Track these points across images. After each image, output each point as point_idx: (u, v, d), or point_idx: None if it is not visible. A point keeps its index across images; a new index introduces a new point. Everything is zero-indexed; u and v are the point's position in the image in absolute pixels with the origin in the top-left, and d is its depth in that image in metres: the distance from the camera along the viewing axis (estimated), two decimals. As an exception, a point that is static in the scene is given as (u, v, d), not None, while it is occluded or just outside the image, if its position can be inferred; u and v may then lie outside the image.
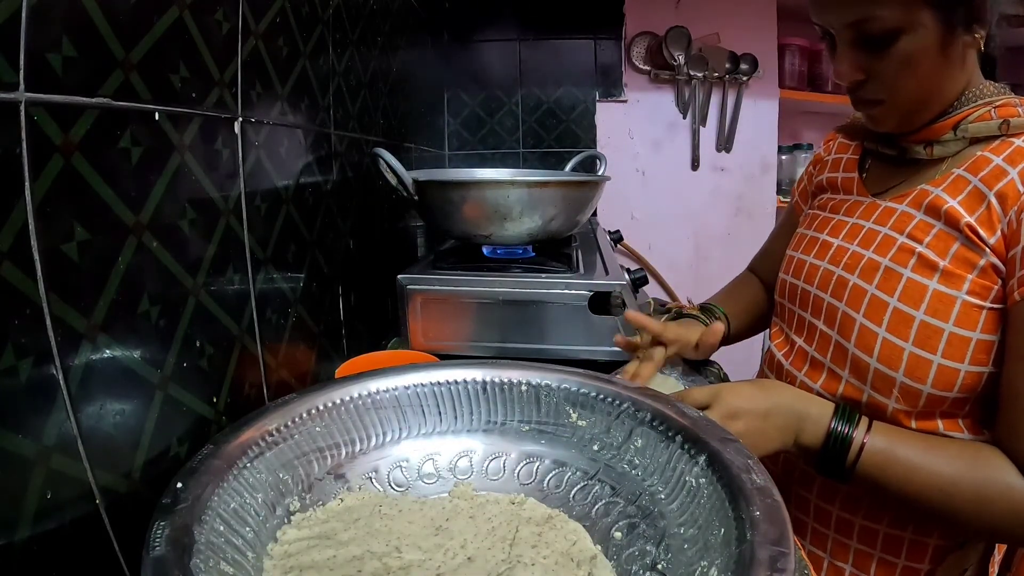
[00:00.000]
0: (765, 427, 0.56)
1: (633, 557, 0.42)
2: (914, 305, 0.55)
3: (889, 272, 0.58)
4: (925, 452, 0.53)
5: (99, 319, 0.36)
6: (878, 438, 0.53)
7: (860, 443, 0.53)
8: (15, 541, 0.30)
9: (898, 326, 0.56)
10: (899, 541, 0.60)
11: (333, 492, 0.47)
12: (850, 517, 0.62)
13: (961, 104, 0.58)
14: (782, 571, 0.32)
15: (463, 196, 0.85)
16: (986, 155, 0.55)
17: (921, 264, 0.56)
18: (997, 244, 0.52)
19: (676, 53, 1.79)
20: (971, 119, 0.57)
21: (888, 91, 0.58)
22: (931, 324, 0.54)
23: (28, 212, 0.30)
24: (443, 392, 0.54)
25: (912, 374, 0.55)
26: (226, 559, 0.35)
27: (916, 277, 0.56)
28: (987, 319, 0.53)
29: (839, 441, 0.54)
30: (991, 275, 0.53)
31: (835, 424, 0.55)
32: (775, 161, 1.90)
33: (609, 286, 0.80)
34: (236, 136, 0.52)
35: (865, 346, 0.58)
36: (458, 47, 1.76)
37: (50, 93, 0.31)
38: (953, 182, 0.56)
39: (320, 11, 0.70)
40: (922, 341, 0.54)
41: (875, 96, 0.59)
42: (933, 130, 0.59)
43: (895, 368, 0.55)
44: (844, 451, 0.54)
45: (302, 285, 0.66)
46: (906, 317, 0.55)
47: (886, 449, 0.53)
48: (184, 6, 0.43)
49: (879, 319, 0.57)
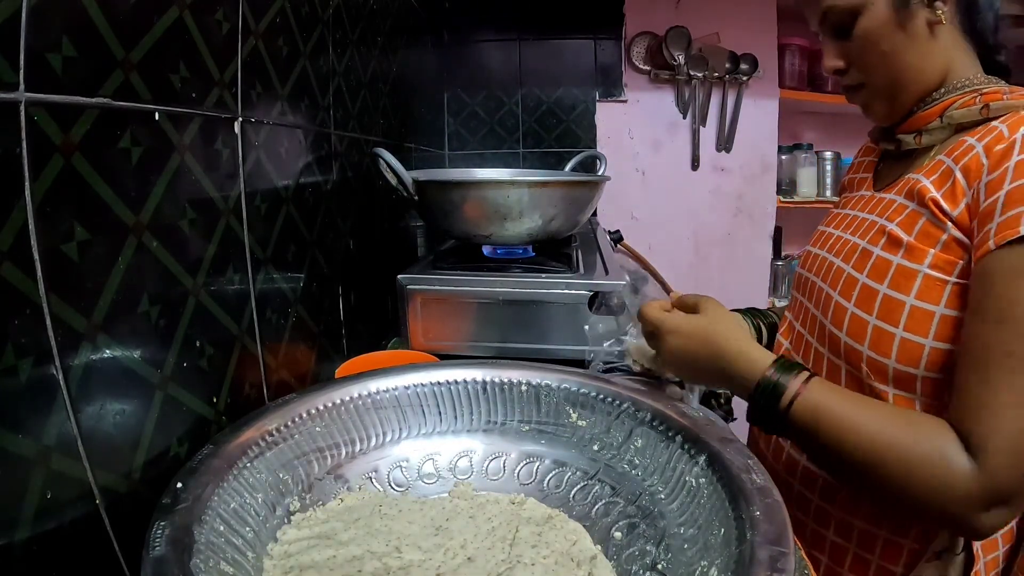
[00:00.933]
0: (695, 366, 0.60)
1: (633, 557, 0.42)
2: (879, 279, 0.57)
3: (864, 252, 0.60)
4: (860, 409, 0.51)
5: (99, 319, 0.36)
6: (814, 390, 0.52)
7: (794, 392, 0.52)
8: (15, 541, 0.30)
9: (865, 301, 0.57)
10: (874, 538, 0.60)
11: (333, 492, 0.47)
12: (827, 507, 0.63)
13: (948, 92, 0.59)
14: (782, 571, 0.32)
15: (463, 196, 0.85)
16: (965, 138, 0.56)
17: (889, 242, 0.58)
18: (960, 217, 0.52)
19: (676, 53, 1.79)
20: (956, 106, 0.58)
21: (863, 73, 0.61)
22: (893, 297, 0.55)
23: (28, 212, 0.30)
24: (443, 392, 0.54)
25: (876, 347, 0.56)
26: (226, 559, 0.35)
27: (883, 254, 0.58)
28: (951, 294, 0.53)
29: (770, 387, 0.53)
30: (955, 249, 0.53)
31: (771, 371, 0.54)
32: (775, 161, 1.90)
33: (609, 286, 0.80)
34: (236, 136, 0.52)
35: (837, 321, 0.60)
36: (458, 47, 1.76)
37: (50, 93, 0.31)
38: (933, 166, 0.58)
39: (320, 11, 0.70)
40: (884, 314, 0.56)
41: (854, 81, 0.62)
42: (920, 118, 0.60)
43: (860, 341, 0.57)
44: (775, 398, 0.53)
45: (302, 285, 0.66)
46: (871, 292, 0.57)
47: (820, 400, 0.52)
48: (184, 6, 0.43)
49: (849, 295, 0.59)
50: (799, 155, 1.90)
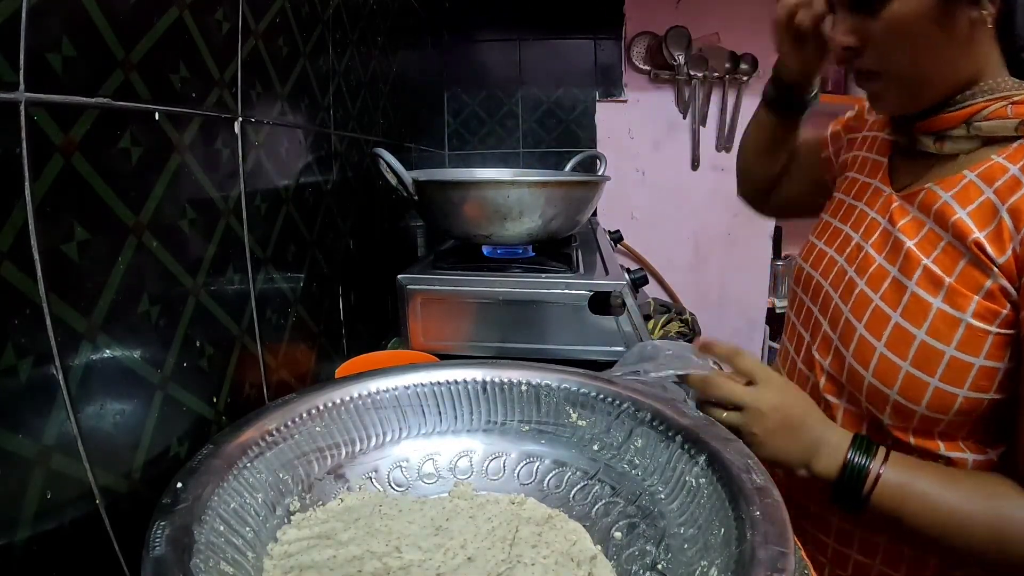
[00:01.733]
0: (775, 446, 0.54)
1: (633, 557, 0.42)
2: (916, 323, 0.52)
3: (896, 284, 0.55)
4: (942, 487, 0.50)
5: (99, 319, 0.36)
6: (894, 471, 0.51)
7: (876, 475, 0.51)
8: (15, 541, 0.30)
9: (897, 343, 0.53)
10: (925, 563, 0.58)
11: (333, 492, 0.47)
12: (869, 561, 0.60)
13: (974, 95, 0.53)
14: (782, 571, 0.32)
15: (463, 196, 0.85)
16: (1001, 162, 0.51)
17: (926, 279, 0.53)
18: (1007, 264, 0.48)
19: (676, 53, 1.79)
20: (985, 114, 0.52)
21: (883, 62, 0.54)
22: (932, 346, 0.51)
23: (28, 212, 0.30)
24: (443, 392, 0.54)
25: (906, 393, 0.53)
26: (226, 559, 0.35)
27: (921, 293, 0.53)
28: (992, 344, 0.50)
29: (855, 472, 0.52)
30: (999, 298, 0.49)
31: (852, 455, 0.52)
32: (775, 161, 1.90)
33: (609, 286, 0.80)
34: (236, 136, 0.52)
35: (862, 359, 0.56)
36: (458, 47, 1.76)
37: (50, 93, 0.31)
38: (964, 188, 0.53)
39: (320, 11, 0.70)
40: (920, 362, 0.52)
41: (870, 67, 0.55)
42: (942, 120, 0.55)
43: (889, 385, 0.53)
44: (860, 483, 0.52)
45: (302, 285, 0.66)
46: (906, 335, 0.53)
47: (902, 482, 0.51)
48: (184, 6, 0.43)
49: (879, 332, 0.54)
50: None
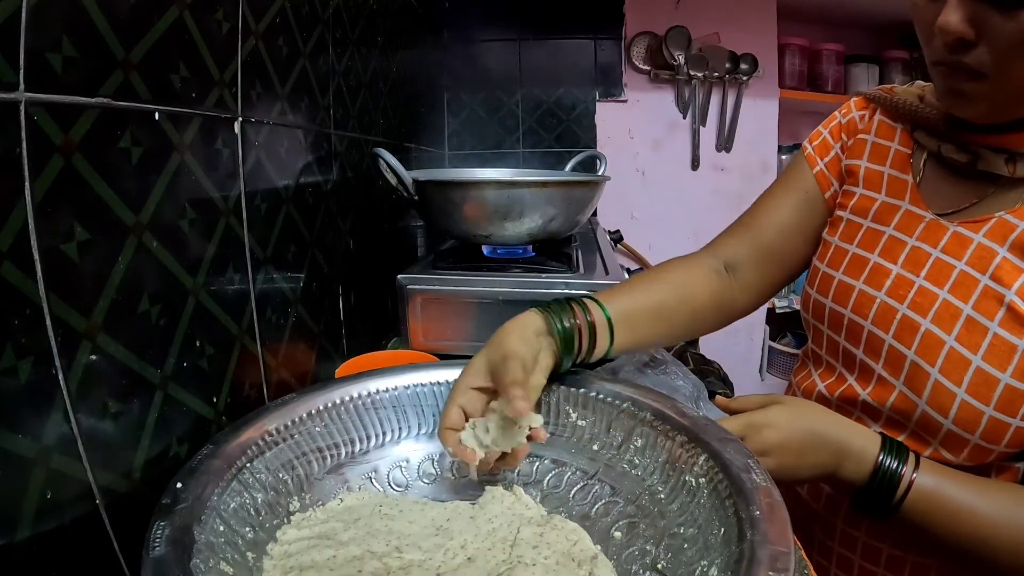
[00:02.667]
0: (799, 464, 0.51)
1: (633, 557, 0.42)
2: (1000, 366, 0.48)
3: (972, 323, 0.50)
4: (975, 495, 0.49)
5: (99, 319, 0.36)
6: (927, 476, 0.49)
7: (908, 480, 0.49)
8: (15, 541, 0.30)
9: (980, 388, 0.49)
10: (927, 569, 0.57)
11: (333, 492, 0.47)
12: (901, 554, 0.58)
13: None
14: (782, 571, 0.32)
15: (463, 196, 0.85)
16: None
17: (1011, 317, 0.48)
18: None
19: (676, 53, 1.79)
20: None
21: (997, 65, 0.45)
22: (1017, 388, 0.48)
23: (28, 212, 0.31)
24: (443, 392, 0.54)
25: (989, 437, 0.50)
26: (226, 559, 0.35)
27: (1004, 333, 0.48)
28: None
29: (886, 478, 0.49)
30: None
31: (883, 459, 0.50)
32: (775, 161, 1.90)
33: (609, 286, 0.80)
34: (236, 136, 0.52)
35: (939, 406, 0.51)
36: (458, 47, 1.76)
37: (50, 93, 0.31)
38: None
39: (320, 11, 0.70)
40: (1004, 405, 0.48)
41: (979, 66, 0.46)
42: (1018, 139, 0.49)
43: (972, 431, 0.50)
44: (891, 489, 0.49)
45: (302, 285, 0.66)
46: (990, 379, 0.48)
47: (934, 488, 0.49)
48: (184, 6, 0.43)
49: (959, 378, 0.50)
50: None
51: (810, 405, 0.55)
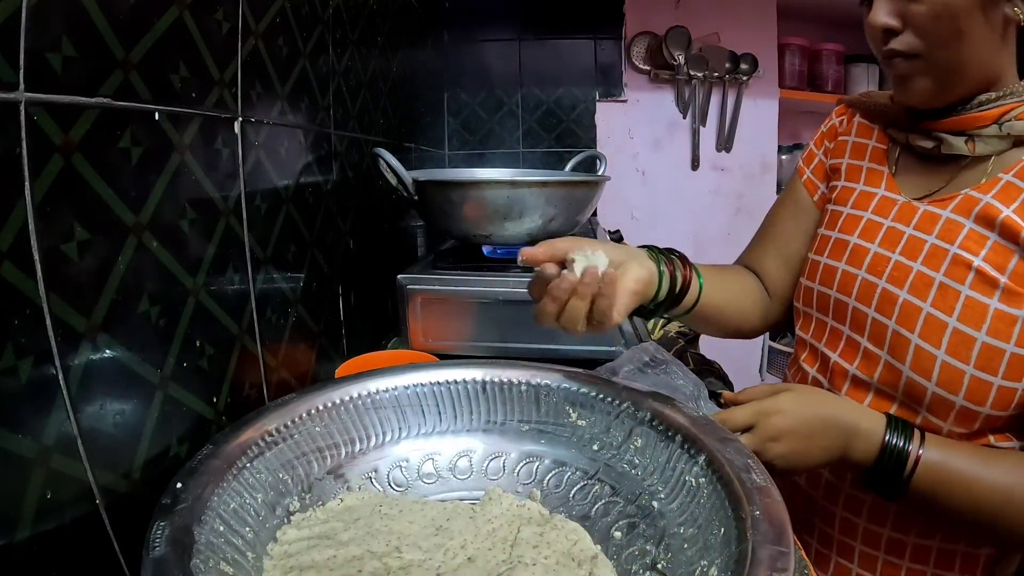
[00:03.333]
0: (809, 447, 0.53)
1: (633, 557, 0.42)
2: (975, 326, 0.52)
3: (945, 288, 0.54)
4: (980, 464, 0.51)
5: (99, 319, 0.36)
6: (933, 451, 0.51)
7: (915, 457, 0.51)
8: (15, 541, 0.30)
9: (959, 348, 0.52)
10: (953, 555, 0.58)
11: (333, 492, 0.47)
12: (902, 536, 0.60)
13: (1002, 97, 0.54)
14: (782, 571, 0.32)
15: (463, 196, 0.85)
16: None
17: (980, 280, 0.52)
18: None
19: (676, 53, 1.79)
20: (1015, 114, 0.53)
21: (925, 43, 0.53)
22: (993, 346, 0.51)
23: (28, 212, 0.31)
24: (443, 392, 0.54)
25: (973, 397, 0.52)
26: (226, 559, 0.35)
27: (975, 295, 0.52)
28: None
29: (894, 456, 0.51)
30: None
31: (890, 437, 0.52)
32: (775, 161, 1.90)
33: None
34: (236, 136, 0.52)
35: (922, 369, 0.54)
36: (458, 47, 1.76)
37: (50, 93, 0.31)
38: (1004, 189, 0.53)
39: (320, 11, 0.70)
40: (984, 363, 0.51)
41: (910, 48, 0.53)
42: (972, 119, 0.55)
43: (955, 392, 0.53)
44: (900, 466, 0.51)
45: (302, 285, 0.66)
46: (967, 339, 0.52)
47: (941, 462, 0.51)
48: (184, 6, 0.43)
49: (937, 340, 0.53)
50: (799, 155, 1.90)
51: (817, 391, 0.57)
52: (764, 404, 0.54)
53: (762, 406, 0.54)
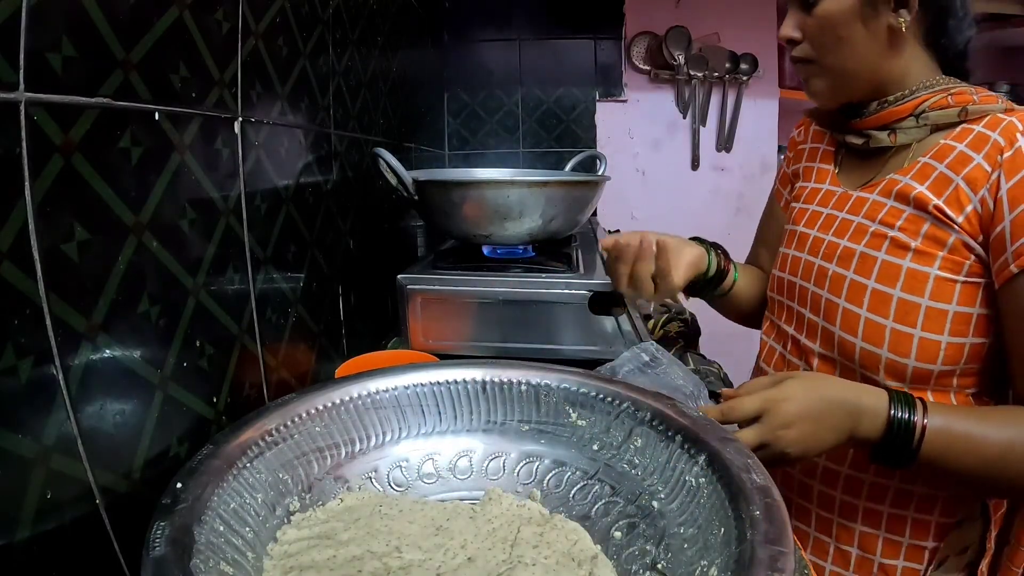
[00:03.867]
0: (818, 430, 0.54)
1: (633, 556, 0.42)
2: (890, 284, 0.58)
3: (864, 256, 0.61)
4: (978, 423, 0.53)
5: (99, 319, 0.36)
6: (936, 418, 0.53)
7: (922, 426, 0.53)
8: (15, 541, 0.30)
9: (878, 305, 0.59)
10: (903, 520, 0.62)
11: (333, 492, 0.47)
12: (853, 500, 0.64)
13: (915, 91, 0.61)
14: (782, 571, 0.32)
15: (463, 196, 0.85)
16: (948, 143, 0.59)
17: (894, 246, 0.59)
18: (965, 223, 0.56)
19: (676, 53, 1.79)
20: (929, 104, 0.60)
21: (815, 50, 0.63)
22: (908, 300, 0.57)
23: (28, 212, 0.31)
24: (443, 392, 0.54)
25: (896, 349, 0.58)
26: (226, 559, 0.35)
27: (890, 258, 0.59)
28: (962, 292, 0.57)
29: (902, 428, 0.53)
30: (962, 251, 0.56)
31: (895, 412, 0.54)
32: (775, 161, 1.90)
33: (609, 286, 0.80)
34: (236, 136, 0.52)
35: (849, 328, 0.61)
36: (458, 47, 1.76)
37: (50, 93, 0.31)
38: (920, 170, 0.60)
39: (320, 11, 0.70)
40: (901, 317, 0.58)
41: (804, 55, 0.64)
42: (890, 114, 0.62)
43: (879, 345, 0.59)
44: (908, 437, 0.53)
45: (302, 285, 0.66)
46: (884, 296, 0.59)
47: (944, 427, 0.53)
48: (184, 6, 0.43)
49: (860, 301, 0.60)
50: (799, 155, 1.90)
51: (820, 376, 0.62)
52: (771, 392, 0.55)
53: (769, 394, 0.55)
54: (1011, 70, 1.94)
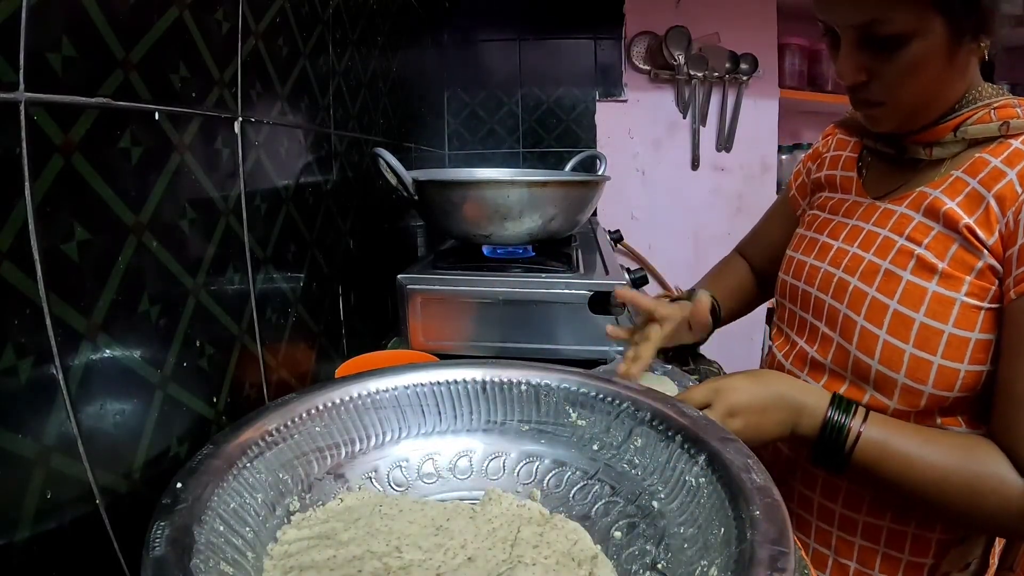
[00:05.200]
0: (762, 421, 0.56)
1: (633, 556, 0.42)
2: (914, 307, 0.56)
3: (889, 274, 0.58)
4: (921, 444, 0.53)
5: (99, 319, 0.36)
6: (874, 428, 0.54)
7: (856, 432, 0.54)
8: (15, 541, 0.30)
9: (898, 328, 0.56)
10: (903, 536, 0.61)
11: (333, 492, 0.47)
12: (853, 514, 0.63)
13: (961, 107, 0.58)
14: (782, 570, 0.32)
15: (463, 196, 0.85)
16: (984, 157, 0.56)
17: (920, 266, 0.56)
18: (995, 245, 0.53)
19: (676, 53, 1.79)
20: (971, 121, 0.57)
21: (889, 94, 0.57)
22: (931, 326, 0.55)
23: (28, 212, 0.30)
24: (443, 392, 0.54)
25: (913, 375, 0.56)
26: (226, 559, 0.35)
27: (915, 279, 0.56)
28: (984, 319, 0.54)
29: (835, 430, 0.54)
30: (988, 276, 0.54)
31: (831, 413, 0.55)
32: (775, 161, 1.90)
33: (609, 286, 0.80)
34: (236, 136, 0.52)
35: (866, 348, 0.58)
36: (458, 47, 1.76)
37: (50, 93, 0.31)
38: (952, 184, 0.57)
39: (320, 11, 0.70)
40: (922, 343, 0.55)
41: (877, 99, 0.59)
42: (934, 132, 0.59)
43: (896, 370, 0.56)
44: (841, 441, 0.54)
45: (302, 285, 0.66)
46: (906, 319, 0.56)
47: (882, 439, 0.53)
48: (184, 6, 0.43)
49: (880, 321, 0.57)
50: (799, 155, 1.90)
51: (770, 372, 0.61)
52: (719, 382, 0.58)
53: (718, 384, 0.57)
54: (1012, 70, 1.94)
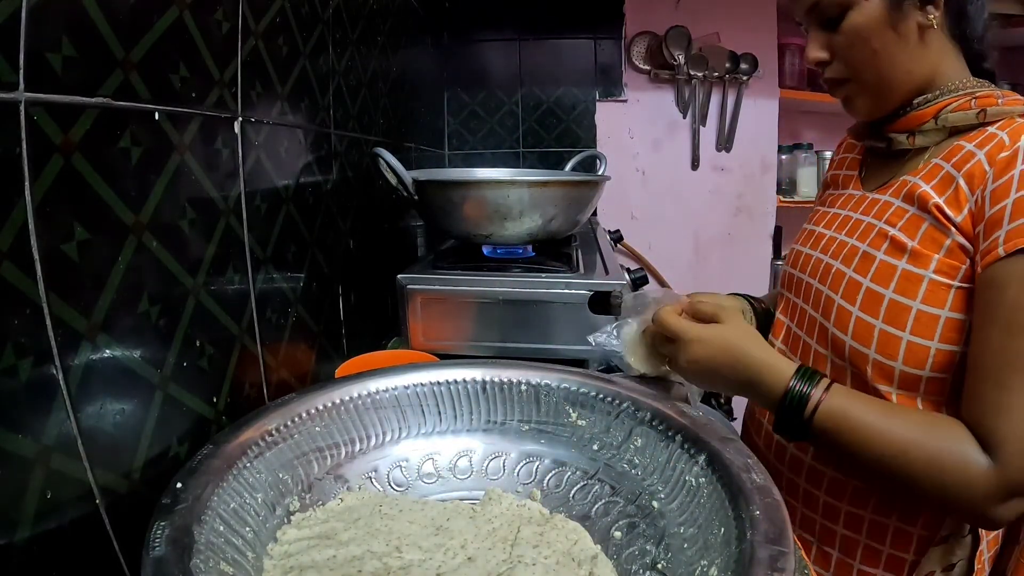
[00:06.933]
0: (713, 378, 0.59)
1: (633, 556, 0.42)
2: (884, 284, 0.58)
3: (866, 256, 0.61)
4: (883, 415, 0.53)
5: (99, 319, 0.36)
6: (837, 398, 0.54)
7: (817, 400, 0.54)
8: (15, 541, 0.30)
9: (870, 304, 0.58)
10: (884, 528, 0.61)
11: (333, 492, 0.47)
12: (835, 503, 0.63)
13: (942, 94, 0.60)
14: (782, 570, 0.32)
15: (463, 196, 0.85)
16: (962, 144, 0.58)
17: (892, 246, 0.59)
18: (964, 223, 0.54)
19: (676, 53, 1.79)
20: (951, 108, 0.59)
21: (849, 68, 0.62)
22: (899, 302, 0.57)
23: (28, 212, 0.31)
24: (443, 392, 0.54)
25: (883, 350, 0.57)
26: (226, 559, 0.35)
27: (887, 258, 0.59)
28: (955, 298, 0.55)
29: (795, 398, 0.54)
30: (958, 254, 0.55)
31: (794, 383, 0.55)
32: (775, 161, 1.90)
33: (609, 286, 0.80)
34: (236, 136, 0.52)
35: (841, 325, 0.61)
36: (458, 47, 1.76)
37: (50, 93, 0.31)
38: (930, 170, 0.59)
39: (320, 11, 0.70)
40: (891, 318, 0.57)
41: (839, 75, 0.63)
42: (913, 118, 0.61)
43: (867, 344, 0.58)
44: (800, 407, 0.54)
45: (302, 285, 0.66)
46: (876, 296, 0.58)
47: (842, 407, 0.53)
48: (184, 6, 0.43)
49: (853, 299, 0.60)
50: (799, 155, 1.90)
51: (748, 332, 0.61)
52: (692, 329, 0.59)
53: (689, 329, 0.60)
54: (1012, 70, 1.94)
